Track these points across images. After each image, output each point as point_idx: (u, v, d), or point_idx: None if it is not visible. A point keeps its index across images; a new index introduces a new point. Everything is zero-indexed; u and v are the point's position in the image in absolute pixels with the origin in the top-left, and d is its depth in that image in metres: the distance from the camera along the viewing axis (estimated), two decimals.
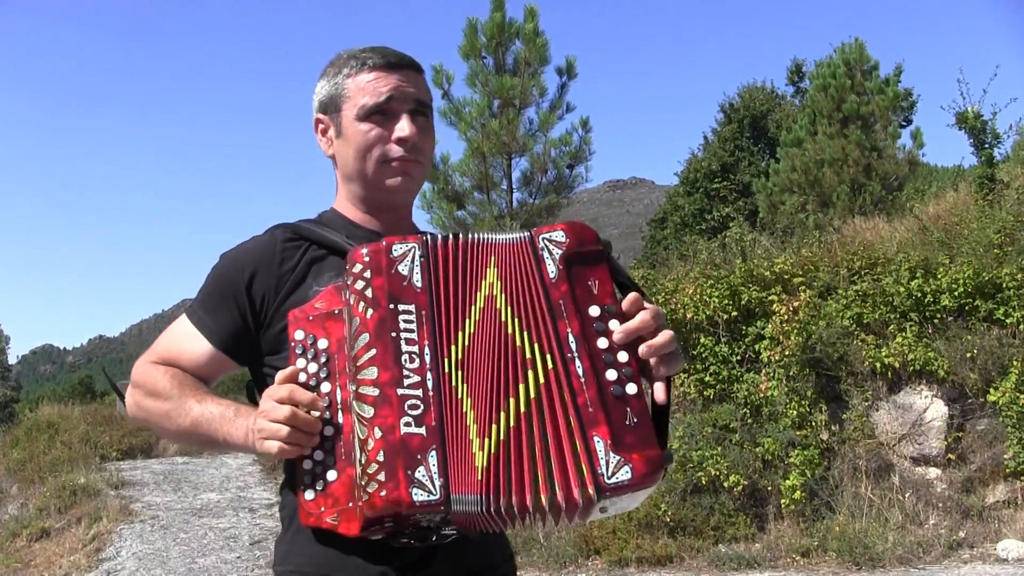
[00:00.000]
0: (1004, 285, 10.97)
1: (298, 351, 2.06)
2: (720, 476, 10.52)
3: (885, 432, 10.97)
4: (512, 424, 1.91)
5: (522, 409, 1.92)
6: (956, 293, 10.99)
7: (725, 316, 11.66)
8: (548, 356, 1.95)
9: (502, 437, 1.90)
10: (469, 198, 22.44)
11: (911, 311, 11.11)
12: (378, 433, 1.85)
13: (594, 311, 1.99)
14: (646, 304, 2.05)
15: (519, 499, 1.88)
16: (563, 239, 2.03)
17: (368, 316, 1.94)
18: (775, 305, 11.40)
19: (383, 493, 1.82)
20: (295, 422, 1.95)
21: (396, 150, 2.23)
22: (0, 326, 69.10)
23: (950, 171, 28.87)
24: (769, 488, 10.71)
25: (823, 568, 9.87)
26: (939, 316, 11.11)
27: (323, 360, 2.03)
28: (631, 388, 1.95)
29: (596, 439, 1.88)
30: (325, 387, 2.02)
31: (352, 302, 1.97)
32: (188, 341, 2.28)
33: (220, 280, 2.27)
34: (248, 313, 2.23)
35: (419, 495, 1.81)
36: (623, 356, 1.97)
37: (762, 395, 10.97)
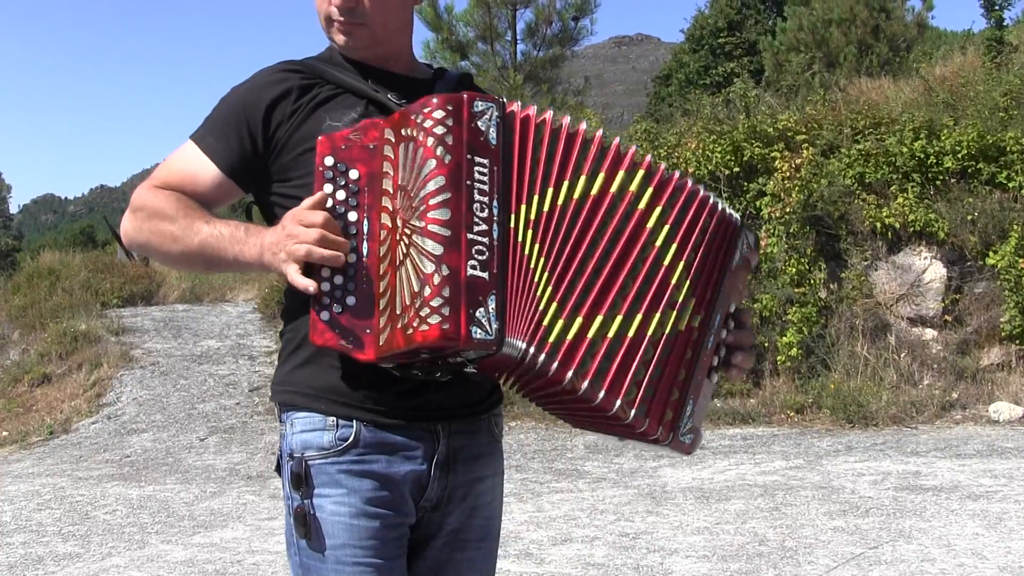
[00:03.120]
0: (1008, 149, 10.90)
1: (327, 176, 2.08)
2: None
3: (883, 292, 11.01)
4: (630, 335, 2.04)
5: (649, 331, 2.06)
6: (959, 155, 10.93)
7: (727, 172, 11.60)
8: (696, 316, 2.14)
9: (609, 333, 2.02)
10: (473, 49, 22.24)
11: (913, 172, 11.06)
12: (445, 270, 1.92)
13: (732, 307, 2.24)
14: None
15: (577, 378, 1.99)
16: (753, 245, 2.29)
17: (446, 161, 1.98)
18: (777, 162, 11.35)
19: (445, 326, 1.89)
20: (322, 244, 1.98)
21: (335, 12, 2.25)
22: (2, 175, 68.92)
23: (959, 36, 28.41)
24: (766, 344, 10.78)
25: (817, 425, 9.99)
26: (941, 178, 11.07)
27: (353, 190, 2.08)
28: (715, 377, 2.19)
29: (690, 401, 2.11)
30: (352, 216, 2.06)
31: (429, 144, 2.00)
32: (194, 166, 2.28)
33: (233, 108, 2.28)
34: (260, 140, 2.24)
35: (477, 333, 1.90)
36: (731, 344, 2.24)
37: (761, 252, 10.95)
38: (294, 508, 2.18)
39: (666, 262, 2.09)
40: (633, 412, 2.03)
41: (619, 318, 2.03)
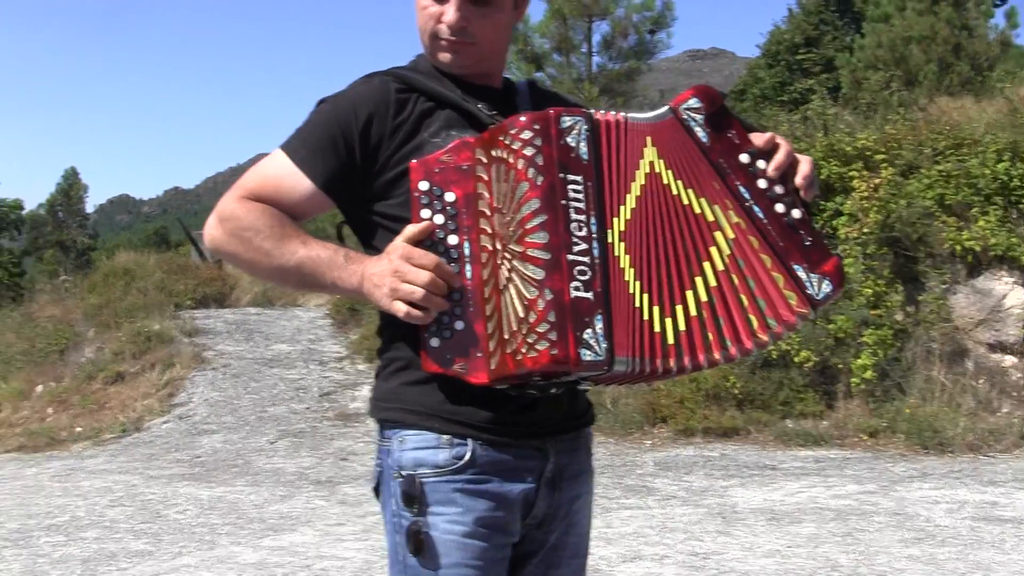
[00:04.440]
0: None
1: (423, 201, 2.09)
2: (791, 351, 10.46)
3: (962, 316, 10.83)
4: (713, 284, 2.07)
5: (719, 267, 2.07)
6: None
7: None
8: (731, 212, 2.10)
9: (703, 299, 2.05)
10: (548, 60, 22.23)
11: (996, 194, 10.87)
12: (548, 295, 1.94)
13: (744, 158, 2.13)
14: (777, 138, 2.20)
15: (707, 356, 2.05)
16: (698, 104, 2.13)
17: (538, 183, 1.99)
18: (855, 181, 11.20)
19: (554, 352, 1.92)
20: (432, 289, 2.01)
21: (443, 31, 2.24)
22: (79, 176, 69.67)
23: None
24: (840, 366, 10.64)
25: (891, 449, 9.83)
26: None
27: (451, 213, 2.09)
28: (797, 214, 2.12)
29: (796, 267, 2.08)
30: (452, 239, 2.08)
31: (520, 167, 2.01)
32: (286, 179, 2.26)
33: (330, 121, 2.25)
34: (359, 156, 2.23)
35: (587, 355, 1.93)
36: (780, 188, 2.13)
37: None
38: (406, 526, 2.18)
39: (685, 201, 2.10)
40: (767, 335, 2.08)
41: (700, 282, 2.06)
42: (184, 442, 11.35)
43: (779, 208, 2.12)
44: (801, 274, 2.08)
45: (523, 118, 2.04)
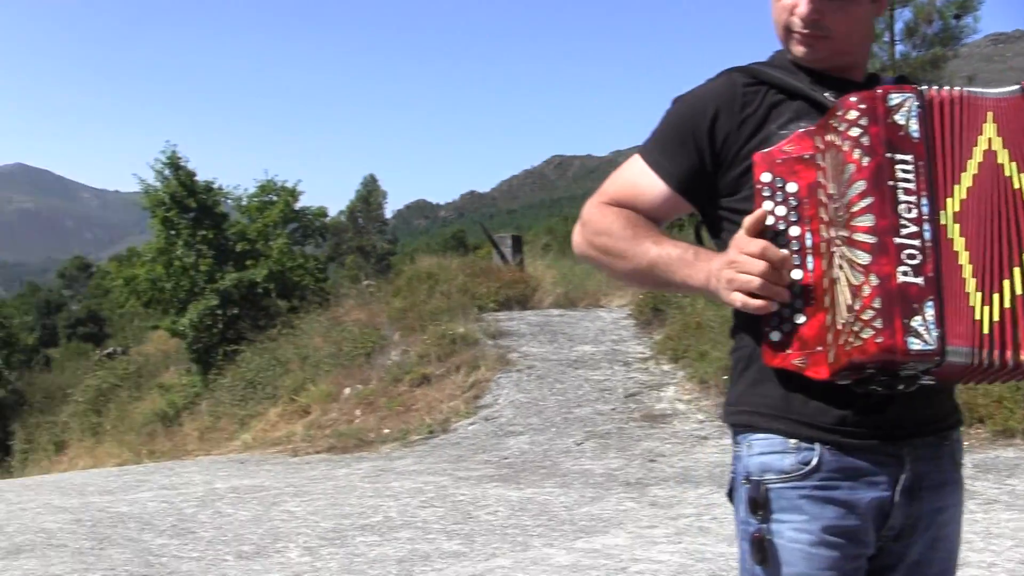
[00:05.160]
0: None
1: (765, 193, 2.06)
2: None
3: None
4: None
5: None
6: None
7: None
8: None
9: (1020, 292, 1.92)
10: None
11: None
12: (874, 280, 1.87)
13: None
14: None
15: None
16: None
17: (864, 164, 1.92)
18: None
19: (879, 340, 1.84)
20: (768, 277, 1.96)
21: (796, 23, 2.19)
22: (378, 182, 72.44)
23: None
24: None
25: None
26: None
27: (792, 204, 2.04)
28: None
29: None
30: (794, 231, 2.03)
31: (846, 148, 1.95)
32: (642, 182, 2.28)
33: (679, 121, 2.25)
34: (708, 154, 2.20)
35: (915, 344, 1.83)
36: None
37: None
38: (751, 533, 2.12)
39: (1016, 186, 1.96)
40: None
41: (1015, 269, 1.94)
42: (491, 443, 11.35)
43: None
44: None
45: (852, 98, 1.97)
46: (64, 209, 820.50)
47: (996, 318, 1.89)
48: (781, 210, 2.04)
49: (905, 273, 1.86)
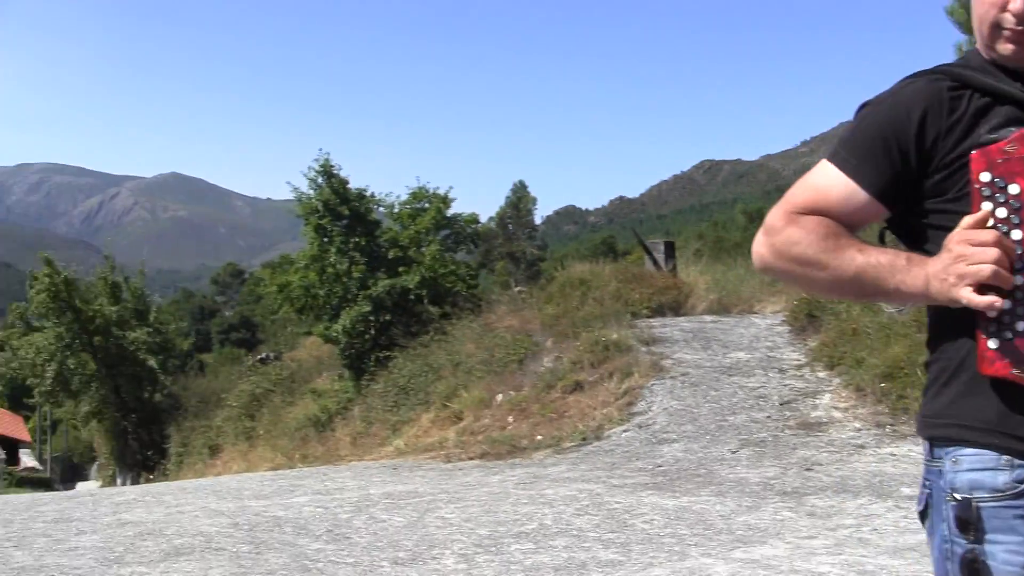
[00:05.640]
0: None
1: (984, 193, 1.99)
2: None
3: None
4: None
5: None
6: None
7: None
8: None
9: None
10: None
11: None
12: None
13: None
14: None
15: None
16: None
17: None
18: None
19: None
20: (1003, 265, 1.91)
21: (1008, 19, 2.09)
22: (527, 189, 72.96)
23: None
24: None
25: None
26: None
27: (1015, 206, 1.97)
28: None
29: None
30: (1016, 234, 1.97)
31: None
32: (837, 189, 2.21)
33: (880, 126, 2.18)
34: (913, 159, 2.14)
35: None
36: None
37: None
38: (960, 553, 2.04)
39: None
40: None
41: None
42: (644, 451, 11.27)
43: None
44: None
45: None
46: (217, 217, 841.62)
47: None
48: (1002, 212, 1.98)
49: None
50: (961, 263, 1.93)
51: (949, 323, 2.07)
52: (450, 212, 28.58)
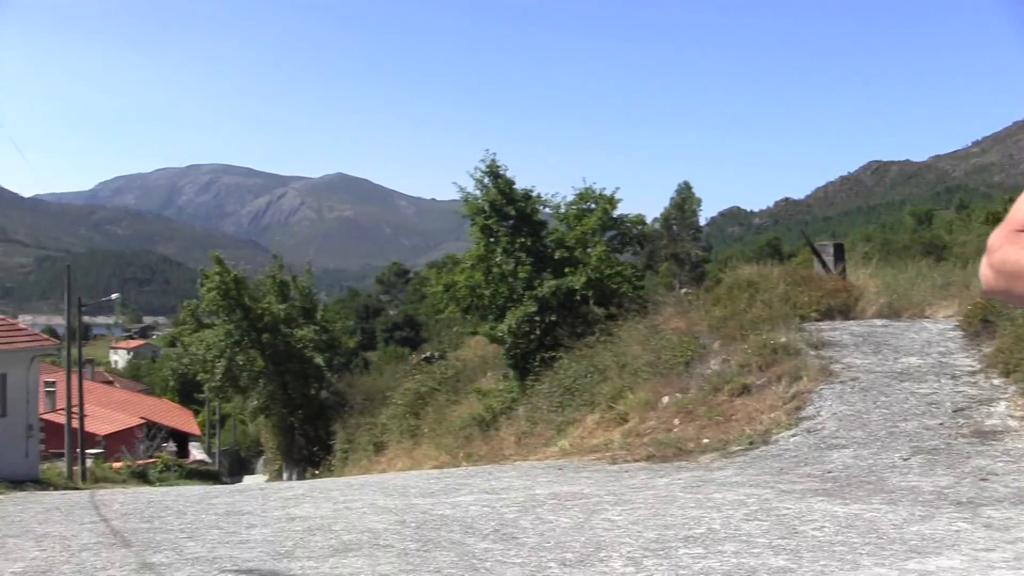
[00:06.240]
0: None
1: None
2: None
3: None
4: None
5: None
6: None
7: None
8: None
9: None
10: None
11: None
12: None
13: None
14: None
15: None
16: None
17: None
18: None
19: None
20: None
21: None
22: (692, 190, 72.24)
23: None
24: None
25: None
26: None
27: None
28: None
29: None
30: None
31: None
32: None
33: None
34: None
35: None
36: None
37: None
38: None
39: None
40: None
41: None
42: (813, 456, 11.11)
43: None
44: None
45: None
46: (382, 217, 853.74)
47: None
48: None
49: None
50: None
51: None
52: (616, 213, 28.44)
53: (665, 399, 15.13)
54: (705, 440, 12.71)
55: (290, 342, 46.46)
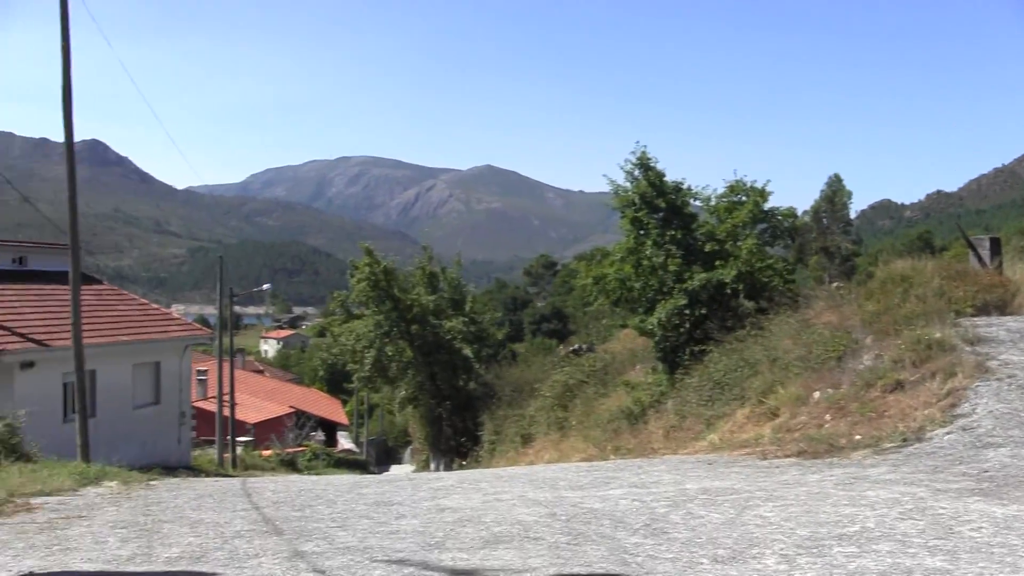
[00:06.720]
0: None
1: None
2: None
3: None
4: None
5: None
6: None
7: None
8: None
9: None
10: None
11: None
12: None
13: None
14: None
15: None
16: None
17: None
18: None
19: None
20: None
21: None
22: (842, 182, 71.27)
23: None
24: None
25: None
26: None
27: None
28: None
29: None
30: None
31: None
32: None
33: None
34: None
35: None
36: None
37: None
38: None
39: None
40: None
41: None
42: (969, 455, 10.90)
43: None
44: None
45: None
46: (530, 209, 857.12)
47: None
48: None
49: None
50: None
51: None
52: (767, 206, 28.22)
53: (816, 394, 14.98)
54: (857, 436, 12.55)
55: (439, 333, 47.04)
